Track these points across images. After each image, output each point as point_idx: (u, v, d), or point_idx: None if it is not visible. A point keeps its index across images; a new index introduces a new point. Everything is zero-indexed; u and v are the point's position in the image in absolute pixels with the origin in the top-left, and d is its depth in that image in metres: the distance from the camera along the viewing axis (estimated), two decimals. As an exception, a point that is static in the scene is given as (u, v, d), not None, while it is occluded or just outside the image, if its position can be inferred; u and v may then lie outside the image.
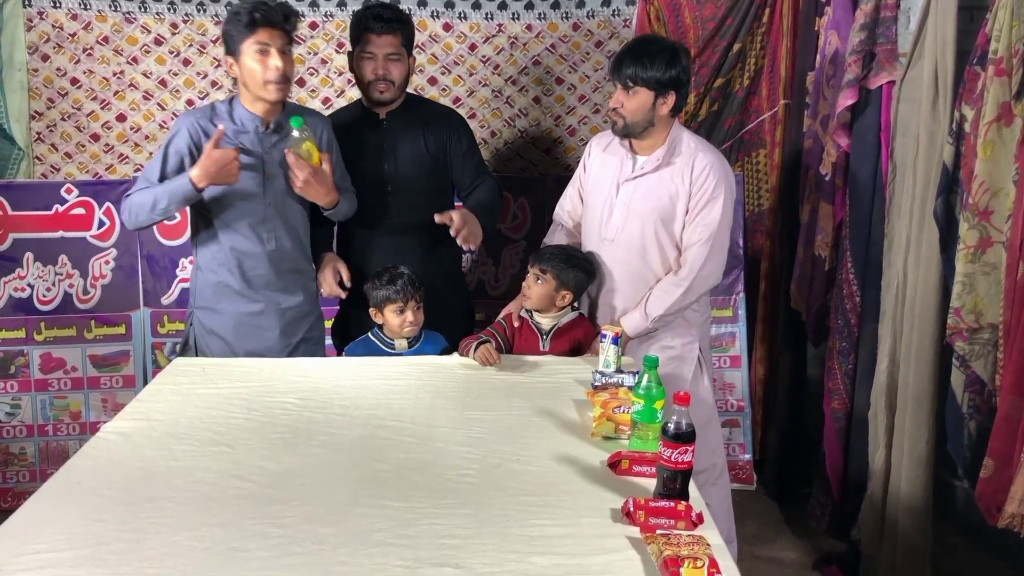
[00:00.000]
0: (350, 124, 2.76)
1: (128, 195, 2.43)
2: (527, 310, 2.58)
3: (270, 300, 2.53)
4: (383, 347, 2.55)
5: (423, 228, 2.70)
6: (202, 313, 2.55)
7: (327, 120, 2.65)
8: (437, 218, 2.53)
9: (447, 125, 2.80)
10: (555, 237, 2.74)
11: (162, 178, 2.39)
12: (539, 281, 2.49)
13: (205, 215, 2.48)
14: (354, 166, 2.71)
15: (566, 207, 2.77)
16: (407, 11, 3.39)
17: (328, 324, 2.92)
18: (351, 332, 2.75)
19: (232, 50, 2.38)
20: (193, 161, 2.38)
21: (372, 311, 2.54)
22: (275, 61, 2.34)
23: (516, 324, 2.56)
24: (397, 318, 2.49)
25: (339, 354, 2.74)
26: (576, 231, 2.73)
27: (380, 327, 2.57)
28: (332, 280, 2.66)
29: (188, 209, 2.53)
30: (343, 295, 2.68)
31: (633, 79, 2.40)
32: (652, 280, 2.53)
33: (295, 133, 2.37)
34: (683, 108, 2.56)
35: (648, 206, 2.50)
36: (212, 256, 2.51)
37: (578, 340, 2.55)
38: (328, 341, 2.99)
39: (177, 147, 2.41)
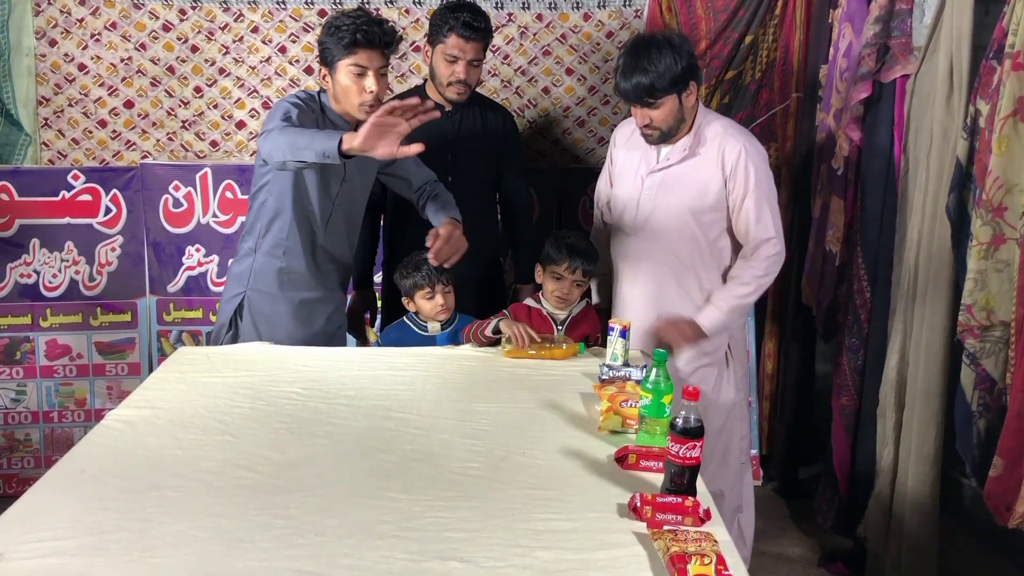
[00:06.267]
0: None
1: (269, 131, 2.22)
2: (536, 301, 2.58)
3: (328, 288, 2.58)
4: (417, 330, 2.57)
5: (475, 217, 2.74)
6: (256, 295, 2.52)
7: None
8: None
9: (504, 123, 2.90)
10: (597, 237, 2.73)
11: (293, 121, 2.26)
12: (579, 285, 2.51)
13: (280, 203, 2.44)
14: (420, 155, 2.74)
15: (601, 205, 2.71)
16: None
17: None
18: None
19: (327, 62, 2.34)
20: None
21: (404, 300, 2.56)
22: (371, 84, 2.30)
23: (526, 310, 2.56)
24: (428, 303, 2.52)
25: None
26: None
27: (416, 312, 2.59)
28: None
29: (250, 198, 2.52)
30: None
31: (651, 93, 2.29)
32: (675, 273, 2.47)
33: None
34: (700, 84, 2.42)
35: (676, 197, 2.42)
36: (278, 243, 2.47)
37: (585, 335, 2.54)
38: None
39: (299, 112, 2.29)
